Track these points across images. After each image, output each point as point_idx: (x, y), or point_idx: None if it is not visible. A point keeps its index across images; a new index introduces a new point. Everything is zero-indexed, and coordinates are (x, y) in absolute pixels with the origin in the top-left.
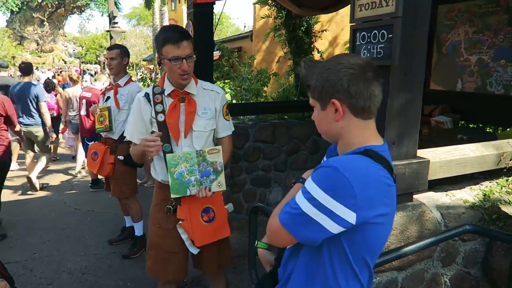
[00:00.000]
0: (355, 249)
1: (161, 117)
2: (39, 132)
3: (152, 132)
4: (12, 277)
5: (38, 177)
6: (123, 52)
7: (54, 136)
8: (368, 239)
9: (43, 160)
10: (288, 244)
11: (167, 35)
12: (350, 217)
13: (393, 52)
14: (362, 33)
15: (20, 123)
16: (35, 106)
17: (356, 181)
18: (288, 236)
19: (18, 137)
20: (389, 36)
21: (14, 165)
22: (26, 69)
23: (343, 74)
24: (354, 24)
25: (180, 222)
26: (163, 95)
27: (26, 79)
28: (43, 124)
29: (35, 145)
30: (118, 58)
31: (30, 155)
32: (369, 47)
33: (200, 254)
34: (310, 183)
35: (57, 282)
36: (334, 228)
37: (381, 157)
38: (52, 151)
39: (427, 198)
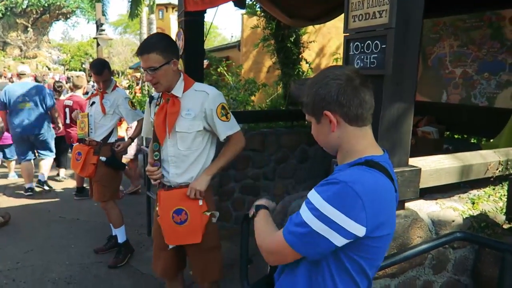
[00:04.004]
0: (354, 258)
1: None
2: None
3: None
4: None
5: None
6: (108, 67)
7: None
8: (368, 249)
9: None
10: (290, 261)
11: (139, 47)
12: (359, 231)
13: (386, 62)
14: (356, 43)
15: None
16: None
17: (365, 195)
18: (294, 255)
19: None
20: (383, 46)
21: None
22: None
23: (331, 86)
24: (347, 34)
25: (158, 217)
26: (160, 98)
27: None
28: None
29: None
30: (108, 76)
31: None
32: (362, 57)
33: (190, 261)
34: (317, 199)
35: None
36: (340, 242)
37: (382, 167)
38: None
39: (418, 206)
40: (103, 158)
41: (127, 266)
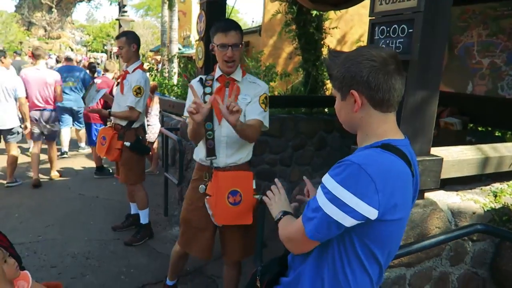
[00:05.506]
0: (364, 242)
1: (207, 98)
2: None
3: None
4: (20, 256)
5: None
6: (130, 38)
7: None
8: (380, 233)
9: None
10: (307, 250)
11: (219, 25)
12: (372, 213)
13: (412, 47)
14: (381, 27)
15: None
16: None
17: (378, 177)
18: (309, 242)
19: None
20: (409, 31)
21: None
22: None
23: (363, 66)
24: (373, 18)
25: (207, 197)
26: (213, 80)
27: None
28: None
29: None
30: (126, 45)
31: None
32: (387, 41)
33: (225, 239)
34: (330, 182)
35: (60, 265)
36: (349, 223)
37: (399, 151)
38: None
39: (438, 197)
40: (127, 143)
41: (144, 244)
